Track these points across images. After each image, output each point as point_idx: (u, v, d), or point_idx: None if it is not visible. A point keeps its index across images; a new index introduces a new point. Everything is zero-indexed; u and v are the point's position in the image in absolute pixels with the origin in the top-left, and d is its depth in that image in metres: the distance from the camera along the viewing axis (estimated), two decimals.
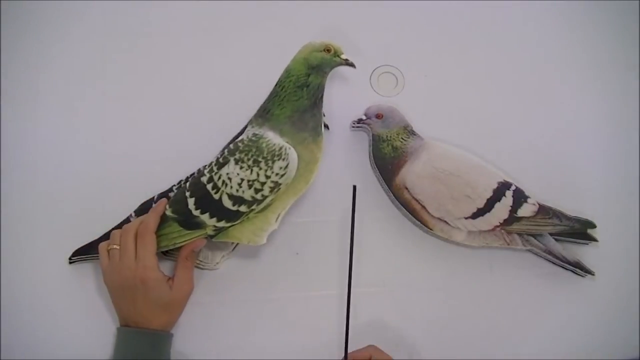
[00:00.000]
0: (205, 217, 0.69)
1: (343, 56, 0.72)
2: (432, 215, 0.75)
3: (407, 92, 0.84)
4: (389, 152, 0.77)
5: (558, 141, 0.83)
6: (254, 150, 0.69)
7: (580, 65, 0.86)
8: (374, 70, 0.85)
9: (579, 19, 0.87)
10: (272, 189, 0.68)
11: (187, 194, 0.70)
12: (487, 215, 0.75)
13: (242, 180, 0.68)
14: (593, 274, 0.77)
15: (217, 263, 0.75)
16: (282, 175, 0.68)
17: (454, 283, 0.78)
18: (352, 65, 0.73)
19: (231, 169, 0.68)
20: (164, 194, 0.75)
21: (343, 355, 0.70)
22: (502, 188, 0.75)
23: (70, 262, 0.75)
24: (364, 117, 0.78)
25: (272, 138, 0.69)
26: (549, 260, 0.77)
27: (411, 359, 0.75)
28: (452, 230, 0.76)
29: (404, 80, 0.85)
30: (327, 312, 0.76)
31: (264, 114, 0.71)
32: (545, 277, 0.78)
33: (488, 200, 0.75)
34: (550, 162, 0.82)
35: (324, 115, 0.78)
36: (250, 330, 0.75)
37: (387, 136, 0.77)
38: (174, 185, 0.76)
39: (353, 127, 0.80)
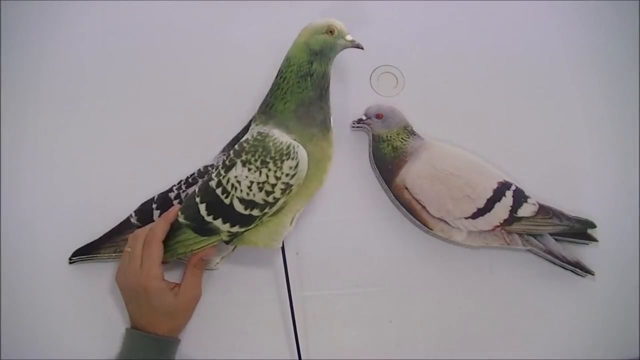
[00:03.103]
0: (218, 223, 0.66)
1: (348, 37, 0.67)
2: (432, 215, 0.75)
3: (407, 92, 0.84)
4: (389, 152, 0.77)
5: (558, 141, 0.83)
6: (260, 150, 0.65)
7: (580, 65, 0.86)
8: (374, 70, 0.85)
9: (579, 19, 0.87)
10: (283, 191, 0.65)
11: (198, 199, 0.67)
12: (487, 215, 0.75)
13: (252, 183, 0.64)
14: (593, 274, 0.77)
15: (217, 263, 0.75)
16: (293, 176, 0.64)
17: (454, 283, 0.78)
18: (359, 47, 0.68)
19: (239, 171, 0.65)
20: (164, 194, 0.75)
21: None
22: (502, 188, 0.76)
23: (70, 262, 0.75)
24: (364, 117, 0.78)
25: (279, 136, 0.65)
26: (549, 260, 0.77)
27: (411, 359, 0.75)
28: (452, 230, 0.76)
29: (404, 80, 0.84)
30: (327, 312, 0.76)
31: (268, 110, 0.67)
32: (545, 277, 0.78)
33: (488, 200, 0.75)
34: (550, 162, 0.82)
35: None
36: (251, 330, 0.75)
37: (387, 136, 0.77)
38: (174, 185, 0.76)
39: (353, 127, 0.80)
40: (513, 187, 0.76)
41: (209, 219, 0.67)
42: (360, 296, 0.76)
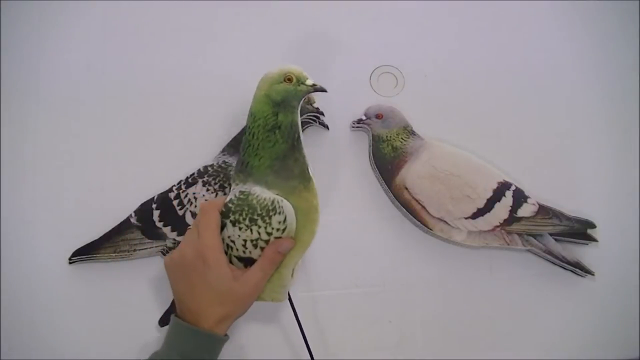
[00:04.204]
0: None
1: (308, 82, 0.63)
2: (432, 215, 0.75)
3: (407, 92, 0.84)
4: (389, 152, 0.77)
5: (558, 141, 0.83)
6: (246, 209, 0.62)
7: (580, 65, 0.86)
8: (374, 70, 0.85)
9: (579, 19, 0.87)
10: None
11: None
12: (487, 215, 0.75)
13: (245, 241, 0.63)
14: (593, 274, 0.77)
15: None
16: (284, 230, 0.62)
17: (454, 283, 0.78)
18: (322, 90, 0.65)
19: (230, 231, 0.63)
20: (164, 194, 0.75)
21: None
22: (502, 188, 0.76)
23: (70, 262, 0.75)
24: (364, 117, 0.78)
25: (260, 193, 0.62)
26: (549, 260, 0.77)
27: (411, 359, 0.75)
28: (452, 230, 0.76)
29: (404, 80, 0.84)
30: (327, 312, 0.76)
31: (244, 169, 0.64)
32: (545, 277, 0.78)
33: (488, 200, 0.75)
34: (550, 162, 0.82)
35: (323, 116, 0.78)
36: (251, 330, 0.75)
37: (387, 136, 0.77)
38: (174, 185, 0.76)
39: (353, 127, 0.80)
40: (513, 187, 0.76)
41: None
42: (360, 296, 0.76)
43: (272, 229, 0.62)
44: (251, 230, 0.62)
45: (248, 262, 0.64)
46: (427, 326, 0.76)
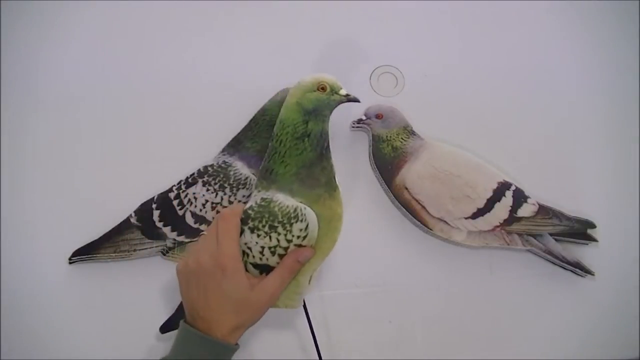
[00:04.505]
0: None
1: (342, 92, 0.64)
2: (432, 215, 0.75)
3: (407, 92, 0.84)
4: (389, 152, 0.77)
5: (558, 141, 0.83)
6: (267, 216, 0.61)
7: (580, 65, 0.86)
8: (374, 70, 0.85)
9: (579, 19, 0.87)
10: None
11: None
12: (487, 215, 0.75)
13: (263, 248, 0.62)
14: (593, 274, 0.77)
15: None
16: (305, 237, 0.62)
17: (454, 283, 0.78)
18: (355, 100, 0.65)
19: (248, 238, 0.62)
20: (163, 194, 0.75)
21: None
22: (502, 188, 0.76)
23: (70, 262, 0.75)
24: (364, 117, 0.78)
25: (284, 200, 0.62)
26: (549, 260, 0.77)
27: (411, 359, 0.75)
28: (452, 230, 0.76)
29: (404, 80, 0.84)
30: (327, 312, 0.76)
31: (268, 175, 0.63)
32: (545, 277, 0.78)
33: (488, 200, 0.75)
34: (550, 162, 0.82)
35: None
36: (250, 330, 0.75)
37: (387, 136, 0.77)
38: (174, 185, 0.76)
39: (353, 127, 0.80)
40: (513, 187, 0.76)
41: None
42: (360, 296, 0.76)
43: (293, 236, 0.61)
44: (270, 237, 0.62)
45: (264, 269, 0.63)
46: (427, 326, 0.76)
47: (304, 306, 0.68)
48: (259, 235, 0.62)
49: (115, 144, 0.80)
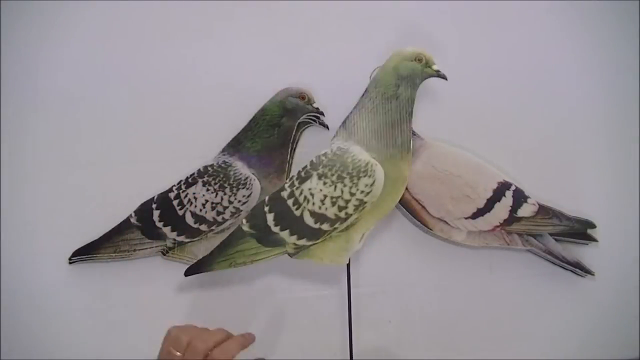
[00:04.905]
0: (285, 235, 0.65)
1: (434, 67, 0.69)
2: (432, 215, 0.75)
3: None
4: None
5: (558, 141, 0.83)
6: (338, 165, 0.65)
7: (580, 65, 0.86)
8: (374, 70, 0.85)
9: (579, 19, 0.87)
10: (356, 207, 0.64)
11: (266, 208, 0.66)
12: (487, 215, 0.75)
13: (325, 196, 0.64)
14: (593, 274, 0.77)
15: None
16: (368, 193, 0.64)
17: (454, 283, 0.78)
18: (444, 77, 0.70)
19: (314, 184, 0.64)
20: (164, 194, 0.75)
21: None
22: (502, 188, 0.75)
23: (70, 262, 0.75)
24: None
25: (358, 153, 0.65)
26: (549, 260, 0.77)
27: (411, 359, 0.75)
28: (452, 230, 0.76)
29: None
30: (327, 312, 0.76)
31: (350, 126, 0.67)
32: (545, 277, 0.78)
33: (488, 200, 0.75)
34: (550, 162, 0.82)
35: (323, 116, 0.78)
36: (250, 330, 0.75)
37: None
38: (174, 186, 0.76)
39: None
40: (513, 187, 0.76)
41: (276, 229, 0.65)
42: (360, 296, 0.76)
43: (357, 190, 0.64)
44: (336, 186, 0.64)
45: (320, 218, 0.64)
46: (427, 326, 0.76)
47: (348, 265, 0.69)
48: (325, 183, 0.64)
49: (115, 144, 0.80)
